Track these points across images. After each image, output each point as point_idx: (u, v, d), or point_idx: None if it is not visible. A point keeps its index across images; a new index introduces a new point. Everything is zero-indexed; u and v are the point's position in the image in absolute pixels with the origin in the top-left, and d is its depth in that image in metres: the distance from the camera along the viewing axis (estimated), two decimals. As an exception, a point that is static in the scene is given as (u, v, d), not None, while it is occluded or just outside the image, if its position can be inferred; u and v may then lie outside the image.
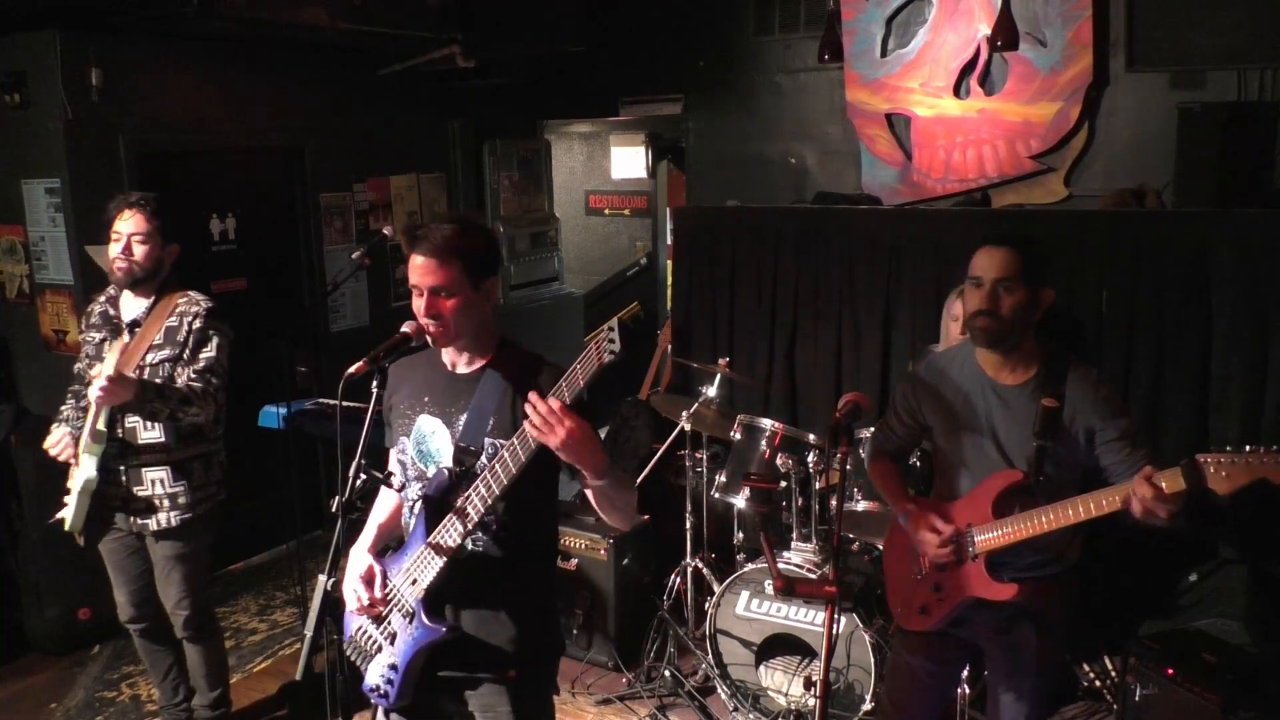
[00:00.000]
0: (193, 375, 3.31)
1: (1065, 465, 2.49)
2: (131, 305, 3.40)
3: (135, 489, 3.37)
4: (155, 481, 3.39)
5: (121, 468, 3.34)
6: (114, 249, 3.30)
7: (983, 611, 2.60)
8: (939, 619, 2.64)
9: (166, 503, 3.39)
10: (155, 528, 3.40)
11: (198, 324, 3.34)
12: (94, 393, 3.14)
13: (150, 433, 3.35)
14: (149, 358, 3.32)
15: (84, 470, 3.31)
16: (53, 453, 3.40)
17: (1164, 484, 2.19)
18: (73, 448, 3.37)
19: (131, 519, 3.41)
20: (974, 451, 2.59)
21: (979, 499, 2.55)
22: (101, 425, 3.26)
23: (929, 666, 2.75)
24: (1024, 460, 2.50)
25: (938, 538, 2.56)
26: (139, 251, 3.29)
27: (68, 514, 3.40)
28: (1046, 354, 2.55)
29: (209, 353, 3.34)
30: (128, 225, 3.27)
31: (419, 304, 2.18)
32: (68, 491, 3.43)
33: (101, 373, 3.15)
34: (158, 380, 3.25)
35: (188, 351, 3.33)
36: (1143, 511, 2.23)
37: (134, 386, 3.14)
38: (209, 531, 3.53)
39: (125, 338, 3.28)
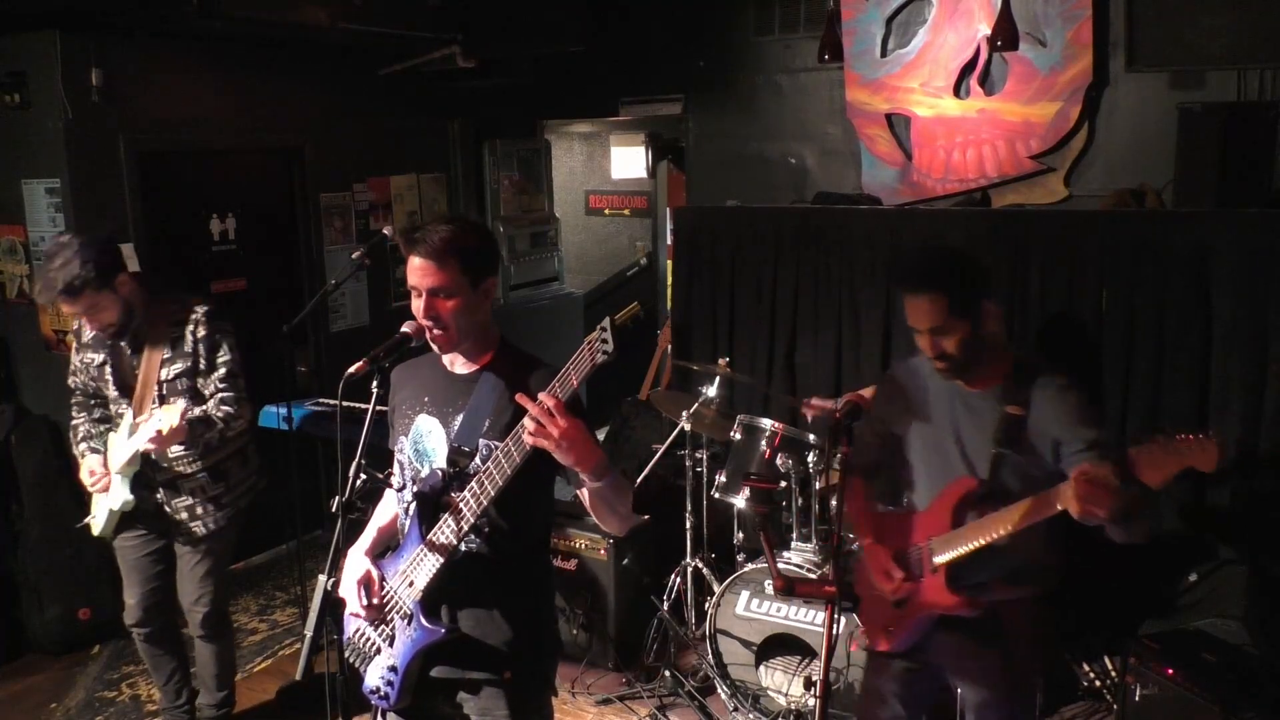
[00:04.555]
0: (219, 384, 3.28)
1: (1026, 475, 2.43)
2: None
3: (174, 501, 3.36)
4: (193, 490, 3.37)
5: (157, 483, 3.34)
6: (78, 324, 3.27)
7: (947, 633, 2.55)
8: (902, 638, 2.60)
9: (210, 507, 3.39)
10: (202, 532, 3.39)
11: (202, 331, 3.28)
12: (140, 441, 3.11)
13: (181, 448, 3.32)
14: (163, 373, 3.27)
15: (118, 494, 3.30)
16: (93, 487, 3.35)
17: (1100, 476, 2.15)
18: (108, 476, 3.33)
19: (169, 525, 3.40)
20: (938, 456, 2.56)
21: (938, 510, 2.51)
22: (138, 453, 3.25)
23: (898, 690, 2.69)
24: (985, 467, 2.46)
25: (890, 585, 2.55)
26: (101, 320, 3.21)
27: (96, 523, 3.40)
28: (1013, 360, 2.52)
29: (224, 356, 3.30)
30: (72, 309, 3.17)
31: (418, 305, 2.18)
32: (89, 498, 3.42)
33: (141, 431, 3.12)
34: (195, 413, 3.19)
35: (203, 361, 3.29)
36: (1080, 511, 2.18)
37: (183, 432, 3.10)
38: (238, 526, 3.53)
39: (158, 414, 3.11)
